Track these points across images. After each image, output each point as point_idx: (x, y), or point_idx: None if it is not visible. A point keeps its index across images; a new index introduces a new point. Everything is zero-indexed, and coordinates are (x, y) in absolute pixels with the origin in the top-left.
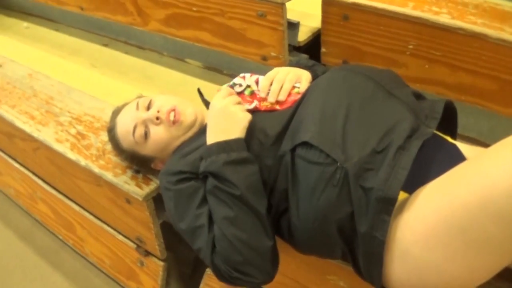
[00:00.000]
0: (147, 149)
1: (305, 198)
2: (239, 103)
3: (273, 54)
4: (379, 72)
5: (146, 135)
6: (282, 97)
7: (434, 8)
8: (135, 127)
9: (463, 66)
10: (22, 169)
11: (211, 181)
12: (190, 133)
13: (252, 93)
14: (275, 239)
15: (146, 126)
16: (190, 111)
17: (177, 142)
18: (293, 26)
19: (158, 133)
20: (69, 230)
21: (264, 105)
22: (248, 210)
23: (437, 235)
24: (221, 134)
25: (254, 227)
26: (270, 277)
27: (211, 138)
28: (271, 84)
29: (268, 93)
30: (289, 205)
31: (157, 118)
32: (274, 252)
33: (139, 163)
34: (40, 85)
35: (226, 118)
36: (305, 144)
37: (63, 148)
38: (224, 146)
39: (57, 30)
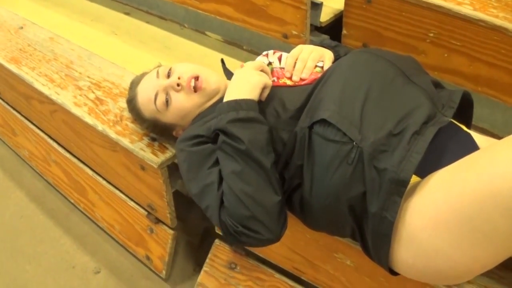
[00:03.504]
0: (169, 117)
1: (319, 174)
2: (262, 69)
3: (294, 32)
4: (401, 58)
5: (167, 102)
6: (305, 75)
7: None
8: (156, 95)
9: (482, 57)
10: (37, 131)
11: (220, 138)
12: (211, 101)
13: (272, 70)
14: (283, 196)
15: (167, 94)
16: (214, 79)
17: (199, 109)
18: (316, 6)
19: (180, 100)
20: (80, 194)
21: (282, 81)
22: (255, 165)
23: (446, 221)
24: (235, 93)
25: (261, 181)
26: (275, 236)
27: (226, 97)
28: (295, 62)
29: (292, 71)
30: (302, 181)
31: (178, 85)
32: (282, 209)
33: (160, 131)
34: (61, 49)
35: (242, 80)
36: (323, 121)
37: (81, 112)
38: (234, 104)
39: None
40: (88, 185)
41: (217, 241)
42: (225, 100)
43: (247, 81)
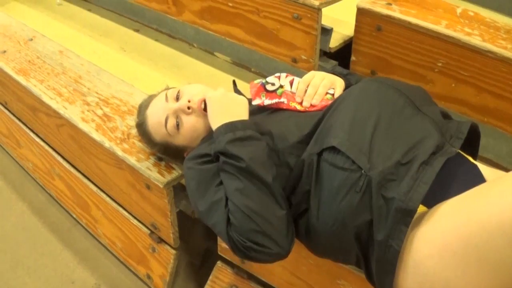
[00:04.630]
0: (180, 139)
1: (327, 200)
2: None
3: (303, 57)
4: (410, 88)
5: (178, 125)
6: (315, 102)
7: (467, 29)
8: (167, 118)
9: (489, 88)
10: (42, 144)
11: (221, 159)
12: None
13: (283, 93)
14: (289, 209)
15: (178, 117)
16: None
17: (209, 130)
18: (326, 32)
19: (190, 122)
20: (83, 209)
21: (293, 105)
22: (257, 181)
23: (452, 251)
24: (228, 116)
25: (264, 196)
26: (284, 250)
27: (219, 122)
28: (307, 88)
29: (303, 97)
30: (309, 207)
31: (189, 108)
32: (288, 223)
33: (172, 154)
34: (70, 63)
35: (228, 103)
36: (333, 149)
37: (88, 128)
38: (230, 126)
39: (89, 10)
40: (91, 200)
41: (219, 263)
42: (218, 123)
43: (232, 102)
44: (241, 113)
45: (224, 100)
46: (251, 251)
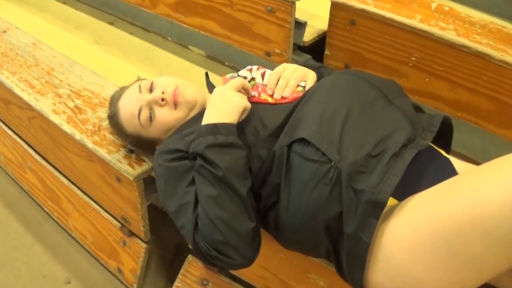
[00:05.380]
0: (152, 131)
1: (297, 193)
2: (242, 88)
3: (277, 51)
4: (382, 80)
5: (151, 117)
6: (286, 94)
7: (441, 24)
8: (140, 110)
9: (463, 83)
10: (15, 136)
11: (198, 161)
12: (191, 114)
13: (254, 85)
14: (258, 223)
15: (151, 108)
16: (190, 91)
17: (181, 123)
18: (300, 26)
19: (163, 115)
20: (55, 203)
21: (264, 98)
22: (230, 191)
23: (423, 244)
24: (214, 116)
25: (236, 207)
26: (248, 261)
27: (206, 119)
28: (278, 80)
29: (274, 89)
30: (279, 199)
31: (163, 100)
32: (255, 235)
33: (143, 146)
34: (43, 55)
35: (221, 101)
36: (303, 140)
37: (59, 120)
38: (213, 128)
39: (64, 2)
40: (62, 194)
41: (190, 257)
42: (204, 121)
43: (227, 103)
44: (230, 115)
45: (221, 97)
46: (215, 259)
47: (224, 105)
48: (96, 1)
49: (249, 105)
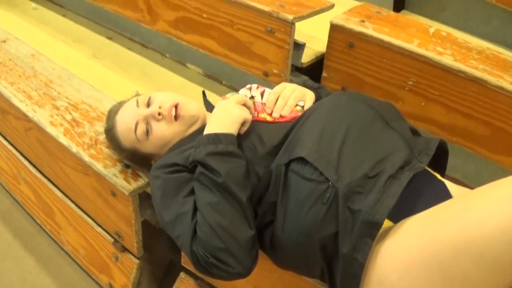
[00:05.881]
0: (148, 146)
1: (293, 211)
2: (244, 103)
3: (275, 71)
4: (380, 103)
5: (148, 132)
6: (285, 113)
7: (439, 48)
8: (136, 124)
9: (459, 108)
10: (10, 147)
11: (198, 169)
12: (191, 130)
13: (254, 104)
14: (256, 230)
15: (148, 123)
16: (192, 106)
17: (179, 138)
18: (298, 47)
19: (160, 129)
20: (48, 215)
21: (262, 116)
22: (231, 198)
23: (417, 266)
24: (215, 127)
25: (236, 214)
26: (246, 270)
27: (207, 130)
28: (277, 99)
29: (273, 108)
30: (275, 218)
31: (159, 114)
32: (254, 244)
33: (139, 160)
34: (42, 67)
35: (222, 113)
36: (301, 159)
37: (56, 132)
38: (214, 137)
39: (64, 15)
40: (56, 207)
41: (182, 274)
42: (205, 132)
43: (227, 115)
44: (230, 126)
45: (222, 109)
46: (212, 267)
47: (225, 117)
48: (95, 15)
49: (249, 117)
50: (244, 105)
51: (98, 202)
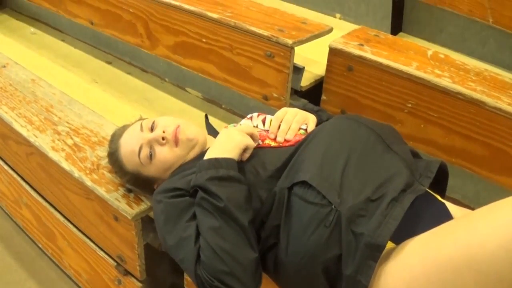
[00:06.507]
0: (151, 170)
1: (296, 234)
2: (251, 134)
3: (275, 95)
4: (381, 126)
5: (151, 156)
6: (289, 137)
7: (437, 71)
8: (140, 148)
9: (458, 130)
10: (11, 172)
11: (199, 194)
12: (192, 153)
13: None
14: (259, 254)
15: (151, 147)
16: (192, 130)
17: (181, 162)
18: (298, 71)
19: (163, 153)
20: (49, 239)
21: (267, 143)
22: (232, 222)
23: (420, 285)
24: (216, 152)
25: (238, 238)
26: None
27: (208, 155)
28: (279, 124)
29: (276, 133)
30: (278, 241)
31: (163, 138)
32: (258, 266)
33: (142, 184)
34: (42, 92)
35: (224, 139)
36: (304, 183)
37: (58, 157)
38: (214, 162)
39: (63, 40)
40: (58, 231)
41: None
42: (206, 156)
43: (230, 140)
44: (231, 151)
45: (225, 134)
46: None
47: (227, 142)
48: (94, 40)
49: (252, 143)
50: (252, 135)
51: (100, 226)
